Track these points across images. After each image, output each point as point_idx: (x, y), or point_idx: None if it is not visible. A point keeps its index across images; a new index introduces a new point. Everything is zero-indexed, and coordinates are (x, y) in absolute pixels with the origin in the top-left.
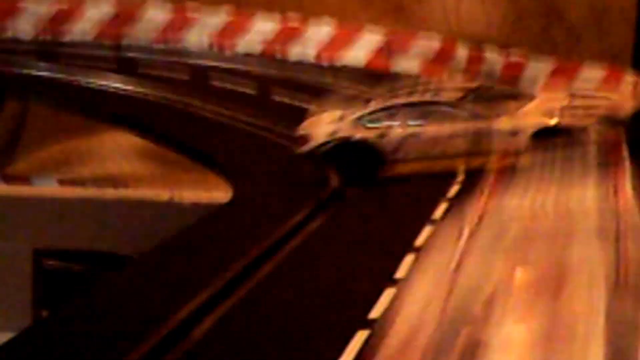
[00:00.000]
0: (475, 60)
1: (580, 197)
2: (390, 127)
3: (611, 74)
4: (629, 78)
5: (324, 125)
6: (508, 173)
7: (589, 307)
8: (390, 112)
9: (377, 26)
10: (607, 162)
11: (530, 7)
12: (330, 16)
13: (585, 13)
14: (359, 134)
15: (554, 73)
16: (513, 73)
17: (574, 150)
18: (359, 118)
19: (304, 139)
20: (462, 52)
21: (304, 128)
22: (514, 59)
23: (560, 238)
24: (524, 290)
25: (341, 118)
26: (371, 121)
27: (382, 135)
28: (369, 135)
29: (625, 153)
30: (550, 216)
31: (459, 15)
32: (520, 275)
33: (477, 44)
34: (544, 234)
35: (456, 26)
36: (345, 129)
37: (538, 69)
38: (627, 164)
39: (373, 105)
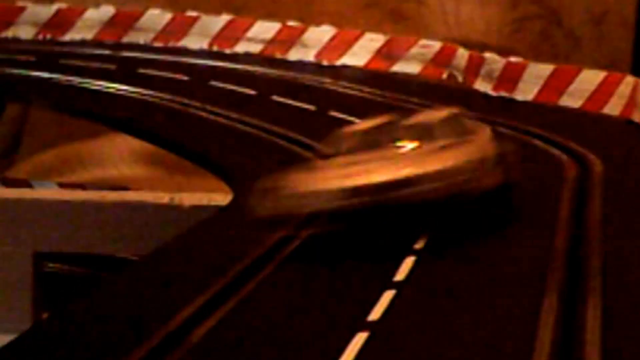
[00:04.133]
0: (474, 62)
1: None
2: None
3: (609, 78)
4: (628, 79)
5: None
6: None
7: None
8: None
9: (376, 31)
10: None
11: (529, 10)
12: (330, 20)
13: (584, 17)
14: None
15: (553, 76)
16: (512, 75)
17: None
18: None
19: None
20: (461, 54)
21: None
22: (513, 61)
23: None
24: None
25: None
26: None
27: None
28: None
29: None
30: None
31: (458, 19)
32: None
33: (477, 48)
34: None
35: (456, 30)
36: None
37: (537, 71)
38: None
39: None
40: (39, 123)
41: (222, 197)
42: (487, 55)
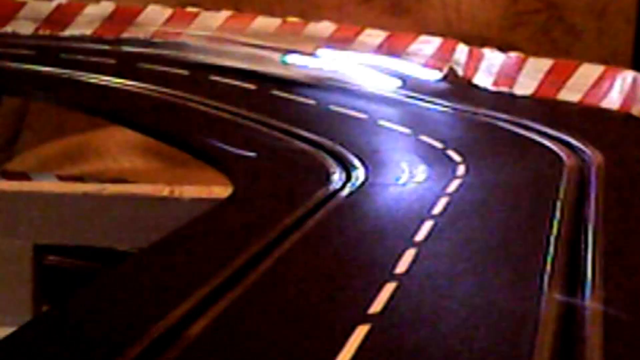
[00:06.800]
0: (474, 56)
1: None
2: None
3: (608, 72)
4: (628, 73)
5: None
6: None
7: None
8: None
9: (376, 26)
10: None
11: (530, 6)
12: (330, 14)
13: (585, 12)
14: None
15: (552, 70)
16: (512, 70)
17: None
18: None
19: None
20: (461, 49)
21: None
22: (513, 56)
23: None
24: None
25: None
26: None
27: None
28: None
29: None
30: None
31: (459, 13)
32: None
33: (477, 42)
34: None
35: (456, 24)
36: None
37: (536, 66)
38: None
39: None
40: (38, 116)
41: (222, 190)
42: (487, 50)
